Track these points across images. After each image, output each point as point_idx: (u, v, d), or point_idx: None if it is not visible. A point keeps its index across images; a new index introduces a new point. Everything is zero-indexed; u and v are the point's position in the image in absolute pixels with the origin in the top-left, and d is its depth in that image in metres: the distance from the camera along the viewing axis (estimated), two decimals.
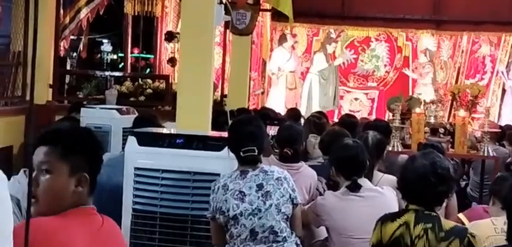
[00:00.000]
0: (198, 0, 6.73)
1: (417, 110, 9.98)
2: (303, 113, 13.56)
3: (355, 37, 17.08)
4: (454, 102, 13.38)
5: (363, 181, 5.15)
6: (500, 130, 11.49)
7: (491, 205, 5.29)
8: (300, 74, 16.96)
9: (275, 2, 10.83)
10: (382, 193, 5.11)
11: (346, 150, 5.26)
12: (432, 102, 11.48)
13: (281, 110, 13.73)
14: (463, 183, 10.85)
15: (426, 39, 16.55)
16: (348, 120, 9.00)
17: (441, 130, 10.62)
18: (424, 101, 12.43)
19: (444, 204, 4.23)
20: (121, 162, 5.19)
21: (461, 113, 9.88)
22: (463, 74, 16.98)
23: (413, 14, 14.49)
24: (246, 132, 4.64)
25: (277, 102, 15.69)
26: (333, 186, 5.86)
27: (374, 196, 5.08)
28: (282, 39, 16.58)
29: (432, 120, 10.65)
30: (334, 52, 16.95)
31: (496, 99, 16.56)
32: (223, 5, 7.06)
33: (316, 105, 16.19)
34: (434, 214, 3.94)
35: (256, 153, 4.60)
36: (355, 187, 5.07)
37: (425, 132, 9.95)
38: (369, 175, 5.45)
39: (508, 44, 16.76)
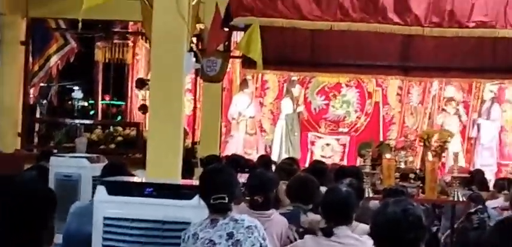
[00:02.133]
0: (167, 48, 6.74)
1: (387, 156, 10.03)
2: (274, 159, 13.55)
3: (325, 83, 17.12)
4: (424, 148, 13.43)
5: (343, 229, 5.10)
6: (469, 175, 11.55)
7: None
8: (259, 118, 16.94)
9: (245, 48, 10.85)
10: (363, 242, 5.02)
11: (335, 194, 5.25)
12: (402, 148, 11.55)
13: None
14: (434, 228, 10.87)
15: (450, 88, 16.72)
16: (318, 166, 9.03)
17: (411, 175, 10.65)
18: (394, 146, 12.50)
19: None
20: (90, 211, 5.14)
21: (431, 158, 9.94)
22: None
23: (382, 60, 14.56)
24: (217, 180, 4.64)
25: (236, 148, 15.62)
26: (304, 234, 5.84)
27: (354, 245, 5.03)
28: (243, 84, 16.54)
29: (402, 166, 10.70)
30: (305, 97, 17.00)
31: (471, 145, 16.70)
32: (193, 53, 7.09)
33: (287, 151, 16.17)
34: None
35: (226, 201, 4.58)
36: (329, 233, 5.04)
37: (396, 178, 9.98)
38: None
39: (479, 90, 16.94)
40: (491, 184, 11.84)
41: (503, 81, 15.82)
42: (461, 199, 9.32)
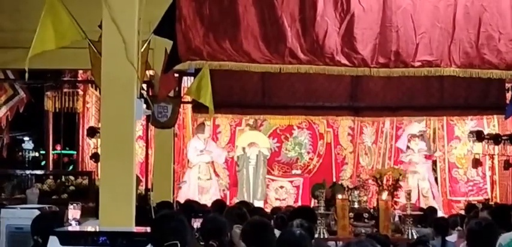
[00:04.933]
0: (117, 95, 6.73)
1: (340, 196, 10.09)
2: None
3: (277, 125, 17.19)
4: (377, 187, 13.55)
5: None
6: (422, 212, 11.65)
7: None
8: (224, 163, 16.88)
9: (196, 93, 10.85)
10: None
11: (288, 236, 5.29)
12: (355, 187, 11.64)
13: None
14: None
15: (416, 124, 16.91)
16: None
17: (365, 215, 10.71)
18: (347, 186, 12.59)
19: None
20: None
21: (384, 196, 10.03)
22: (391, 159, 17.28)
23: (332, 101, 14.70)
24: (169, 227, 4.62)
25: (191, 193, 15.49)
26: None
27: None
28: (199, 128, 16.40)
29: (356, 206, 10.76)
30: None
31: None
32: (143, 99, 7.07)
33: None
34: None
35: None
36: None
37: (350, 218, 10.03)
38: None
39: (430, 127, 17.16)
40: None
41: (452, 118, 16.09)
42: (415, 237, 9.40)
